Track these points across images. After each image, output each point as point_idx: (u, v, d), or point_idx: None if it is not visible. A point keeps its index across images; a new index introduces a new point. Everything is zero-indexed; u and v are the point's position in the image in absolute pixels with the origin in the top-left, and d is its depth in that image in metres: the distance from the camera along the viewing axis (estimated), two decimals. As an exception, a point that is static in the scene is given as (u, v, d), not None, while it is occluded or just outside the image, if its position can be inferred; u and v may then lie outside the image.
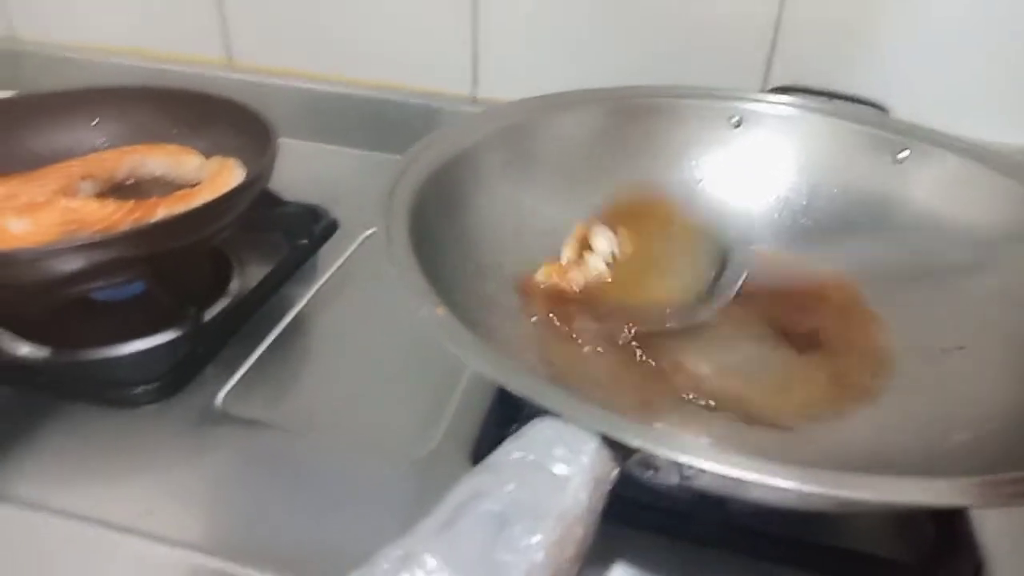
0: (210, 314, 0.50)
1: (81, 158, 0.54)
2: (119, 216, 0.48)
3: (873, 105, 0.55)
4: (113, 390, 0.42)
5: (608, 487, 0.23)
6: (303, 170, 0.67)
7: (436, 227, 0.39)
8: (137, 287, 0.49)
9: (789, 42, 0.63)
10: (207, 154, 0.56)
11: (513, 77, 0.71)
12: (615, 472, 0.24)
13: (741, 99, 0.53)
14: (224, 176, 0.53)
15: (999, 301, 0.42)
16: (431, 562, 0.19)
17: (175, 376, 0.43)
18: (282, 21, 0.74)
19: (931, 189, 0.48)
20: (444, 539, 0.20)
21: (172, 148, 0.56)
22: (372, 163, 0.72)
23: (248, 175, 0.52)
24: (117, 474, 0.38)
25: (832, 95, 0.56)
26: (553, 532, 0.20)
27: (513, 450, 0.23)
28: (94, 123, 0.59)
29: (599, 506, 0.23)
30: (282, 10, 0.73)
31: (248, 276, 0.55)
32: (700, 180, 0.52)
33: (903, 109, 0.56)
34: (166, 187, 0.56)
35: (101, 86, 0.59)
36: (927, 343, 0.42)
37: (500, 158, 0.45)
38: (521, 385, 0.26)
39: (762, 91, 0.56)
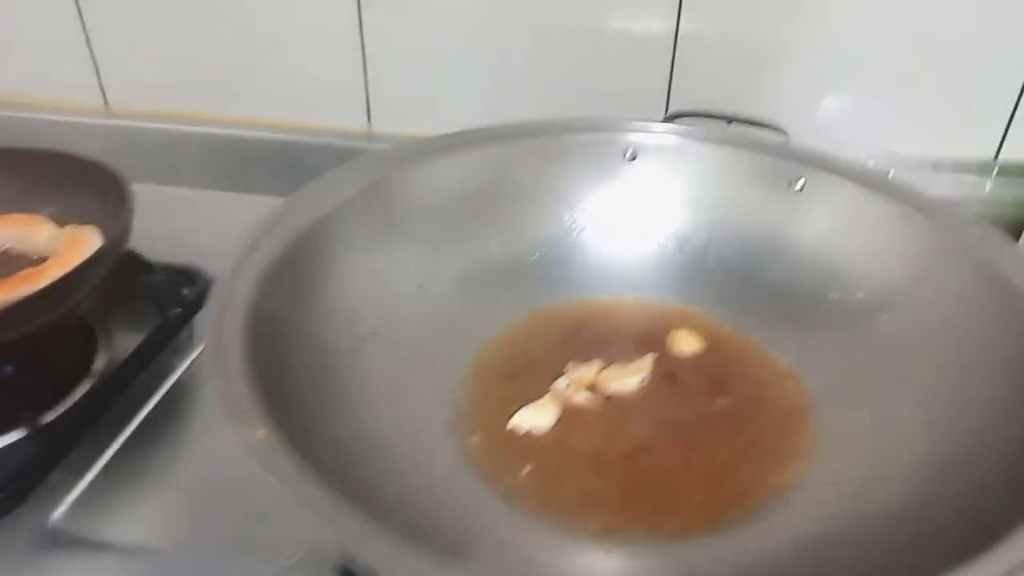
0: (69, 401, 0.45)
1: (-86, 236, 0.49)
2: (-50, 304, 0.43)
3: (772, 128, 0.53)
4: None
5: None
6: (186, 220, 0.62)
7: (287, 314, 0.35)
8: (-24, 381, 0.44)
9: (689, 65, 0.60)
10: (61, 221, 0.51)
11: (408, 109, 0.67)
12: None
13: (632, 130, 0.50)
14: (78, 248, 0.48)
15: (906, 346, 0.40)
16: None
17: (10, 493, 0.38)
18: (159, 62, 0.69)
19: (830, 221, 0.46)
20: None
21: (20, 218, 0.51)
22: (264, 207, 0.67)
23: (102, 246, 0.47)
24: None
25: (730, 119, 0.54)
26: None
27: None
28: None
29: None
30: (157, 51, 0.68)
31: (117, 351, 0.50)
32: (583, 228, 0.48)
33: (804, 131, 0.53)
34: (15, 262, 0.50)
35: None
36: (842, 396, 0.40)
37: (360, 223, 0.41)
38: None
39: (659, 119, 0.53)
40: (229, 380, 0.29)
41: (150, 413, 0.45)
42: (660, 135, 0.50)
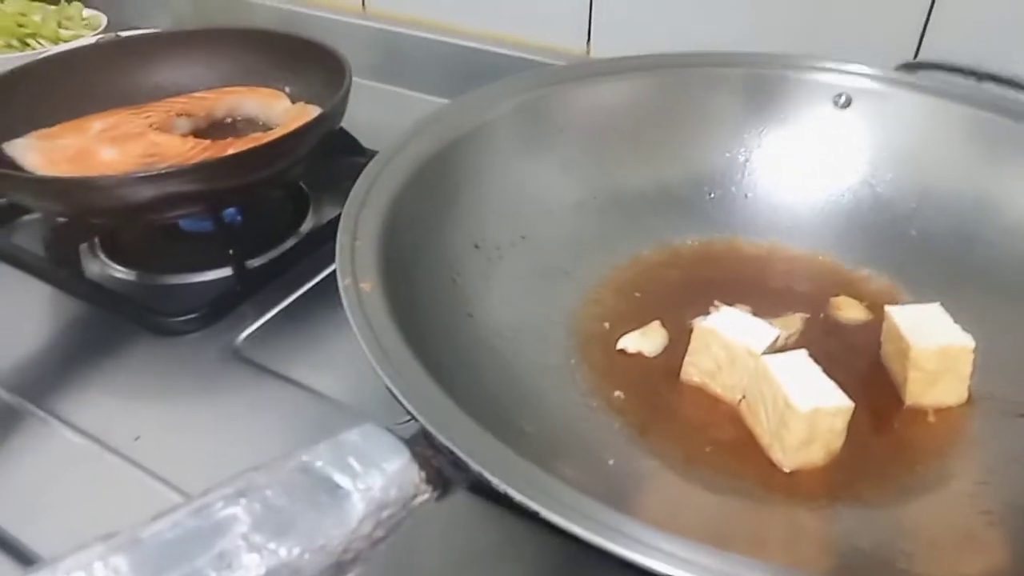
0: (274, 254, 0.52)
1: (187, 96, 0.58)
2: (193, 152, 0.51)
3: (1029, 89, 0.44)
4: (153, 316, 0.46)
5: (405, 514, 0.21)
6: (404, 117, 0.67)
7: (430, 205, 0.37)
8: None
9: (950, 5, 0.51)
10: (295, 99, 0.58)
11: (630, 36, 0.66)
12: (426, 497, 0.21)
13: (851, 74, 0.45)
14: (301, 121, 0.54)
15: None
16: (121, 565, 0.18)
17: (207, 312, 0.46)
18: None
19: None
20: (145, 544, 0.18)
21: (265, 92, 0.59)
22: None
23: (314, 118, 0.53)
24: (131, 395, 0.41)
25: (980, 75, 0.46)
26: (290, 554, 0.18)
27: (308, 453, 0.21)
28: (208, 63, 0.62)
29: (382, 533, 0.20)
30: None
31: (322, 218, 0.57)
32: (761, 168, 0.45)
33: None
34: (253, 126, 0.59)
35: (217, 27, 0.63)
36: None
37: (516, 134, 0.42)
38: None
39: (892, 68, 0.47)
40: (355, 239, 0.31)
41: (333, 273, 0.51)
42: (881, 83, 0.44)
